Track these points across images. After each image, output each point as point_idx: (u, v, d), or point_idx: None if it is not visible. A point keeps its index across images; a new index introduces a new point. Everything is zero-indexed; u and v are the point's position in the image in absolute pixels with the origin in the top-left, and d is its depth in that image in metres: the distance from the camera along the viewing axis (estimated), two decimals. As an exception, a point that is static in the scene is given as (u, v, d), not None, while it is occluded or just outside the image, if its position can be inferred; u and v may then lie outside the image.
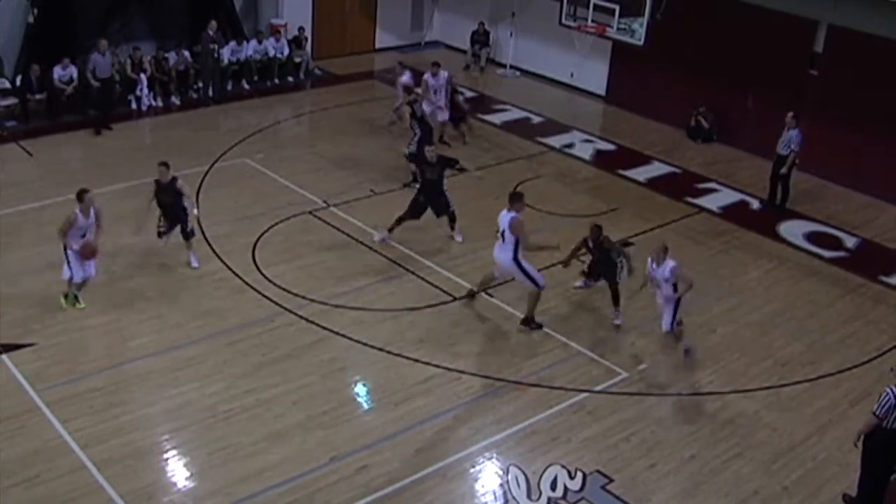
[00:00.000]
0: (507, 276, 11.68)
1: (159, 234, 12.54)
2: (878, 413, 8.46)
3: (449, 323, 11.63)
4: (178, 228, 12.52)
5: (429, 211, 13.44)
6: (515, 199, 11.24)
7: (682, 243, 14.29)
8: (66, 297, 11.46)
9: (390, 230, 13.36)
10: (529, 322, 11.67)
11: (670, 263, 10.62)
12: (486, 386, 10.48)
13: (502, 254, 11.23)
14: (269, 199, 14.73)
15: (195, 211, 12.98)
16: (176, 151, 16.11)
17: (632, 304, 12.40)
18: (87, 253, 11.14)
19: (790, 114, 15.11)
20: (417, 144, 14.69)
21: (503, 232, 11.10)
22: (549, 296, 12.40)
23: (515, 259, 11.16)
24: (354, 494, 8.81)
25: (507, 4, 21.99)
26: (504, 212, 11.18)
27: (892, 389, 8.41)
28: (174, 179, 12.26)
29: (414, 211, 13.35)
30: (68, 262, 11.14)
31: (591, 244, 11.85)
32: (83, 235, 11.08)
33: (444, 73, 16.55)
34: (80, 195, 11.08)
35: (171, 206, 12.36)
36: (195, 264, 12.59)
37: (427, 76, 16.55)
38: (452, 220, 13.69)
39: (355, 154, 16.32)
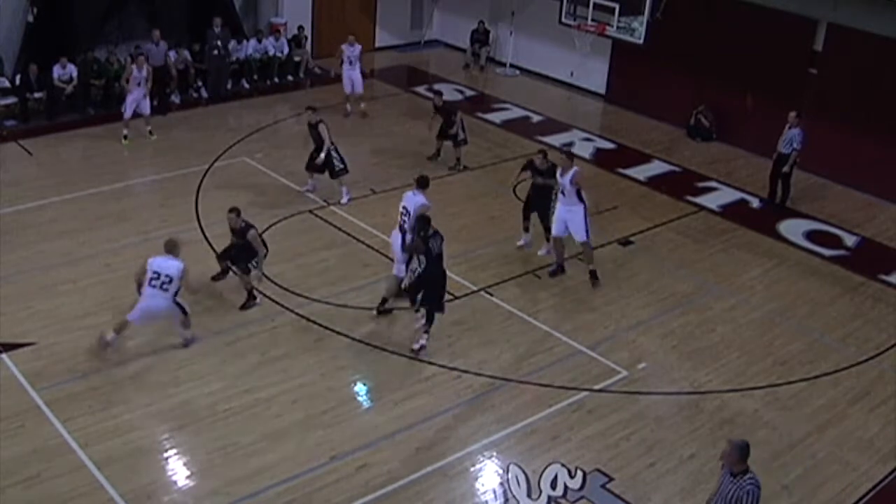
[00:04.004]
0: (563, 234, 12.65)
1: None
2: None
3: (449, 321, 11.61)
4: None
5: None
6: (571, 158, 12.64)
7: (682, 242, 14.30)
8: (125, 137, 15.84)
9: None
10: (595, 275, 12.78)
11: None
12: (485, 385, 10.48)
13: (569, 206, 12.44)
14: (268, 198, 14.72)
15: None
16: (176, 151, 16.12)
17: (631, 302, 12.43)
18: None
19: (793, 113, 15.10)
20: None
21: (563, 189, 12.40)
22: (548, 295, 12.45)
23: (583, 204, 12.43)
24: (354, 493, 8.81)
25: (506, 3, 21.97)
26: (560, 173, 12.46)
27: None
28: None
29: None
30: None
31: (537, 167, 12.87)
32: (139, 84, 15.71)
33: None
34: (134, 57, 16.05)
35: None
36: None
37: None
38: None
39: (355, 153, 16.29)
